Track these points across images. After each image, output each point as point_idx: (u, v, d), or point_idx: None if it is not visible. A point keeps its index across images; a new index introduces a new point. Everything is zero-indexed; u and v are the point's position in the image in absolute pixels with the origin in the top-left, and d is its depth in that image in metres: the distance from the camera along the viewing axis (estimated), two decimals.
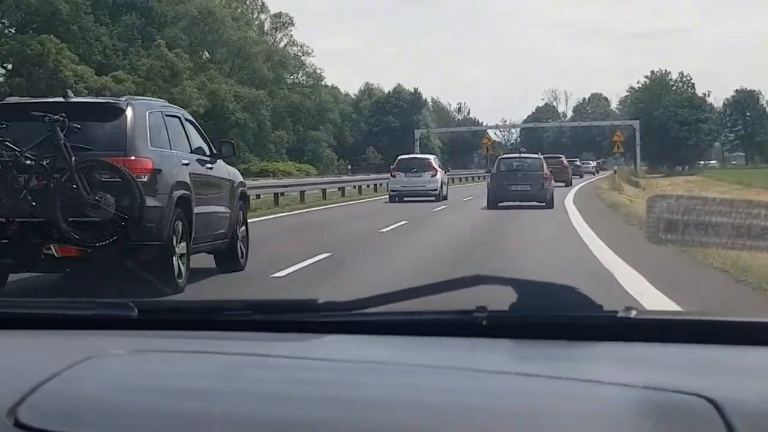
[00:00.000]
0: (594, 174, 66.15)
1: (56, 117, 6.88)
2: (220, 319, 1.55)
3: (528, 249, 11.69)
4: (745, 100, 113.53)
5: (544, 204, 22.15)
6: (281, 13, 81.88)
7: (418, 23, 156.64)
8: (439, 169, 29.08)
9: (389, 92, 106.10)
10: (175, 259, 7.32)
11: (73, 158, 6.86)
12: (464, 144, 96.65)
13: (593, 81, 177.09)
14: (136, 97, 8.09)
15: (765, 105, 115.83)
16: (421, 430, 1.02)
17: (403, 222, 16.95)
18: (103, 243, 6.83)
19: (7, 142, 6.89)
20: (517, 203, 22.17)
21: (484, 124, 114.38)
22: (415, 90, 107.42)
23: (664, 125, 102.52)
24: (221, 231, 8.58)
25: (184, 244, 7.51)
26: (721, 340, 1.38)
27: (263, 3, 79.57)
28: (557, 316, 1.43)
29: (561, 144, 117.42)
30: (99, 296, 1.80)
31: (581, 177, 52.95)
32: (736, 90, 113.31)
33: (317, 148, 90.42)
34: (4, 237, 6.81)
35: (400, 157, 30.15)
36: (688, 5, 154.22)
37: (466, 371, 1.26)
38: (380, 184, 38.33)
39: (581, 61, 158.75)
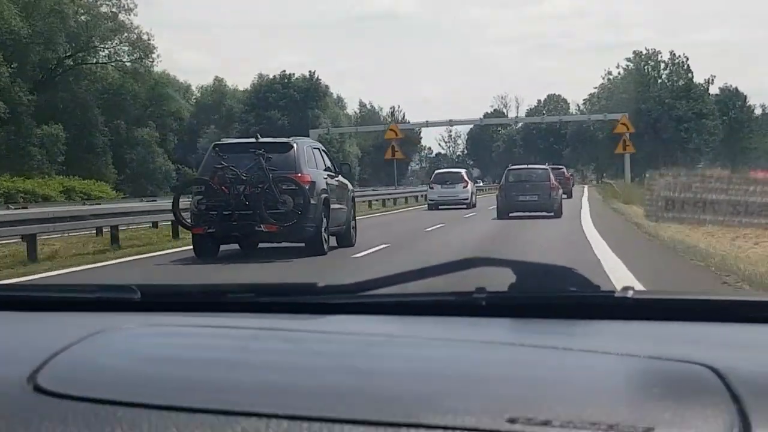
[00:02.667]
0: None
1: (260, 151, 15.44)
2: (223, 301, 1.97)
3: None
4: (729, 99, 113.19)
5: (552, 214, 29.94)
6: None
7: (367, 40, 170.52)
8: (469, 181, 46.25)
9: (274, 77, 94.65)
10: (323, 235, 15.82)
11: (270, 175, 15.32)
12: None
13: (547, 91, 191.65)
14: (298, 138, 16.82)
15: (755, 107, 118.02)
16: (434, 397, 1.24)
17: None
18: (288, 224, 15.51)
19: (231, 167, 15.36)
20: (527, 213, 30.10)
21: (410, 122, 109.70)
22: (311, 74, 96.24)
23: (656, 123, 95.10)
24: (342, 220, 17.95)
25: (326, 226, 15.99)
26: (718, 318, 1.78)
27: None
28: (555, 296, 1.83)
29: (513, 154, 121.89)
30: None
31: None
32: (720, 88, 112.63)
33: (145, 156, 75.46)
34: (233, 221, 15.26)
35: (436, 171, 46.34)
36: (641, 19, 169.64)
37: (471, 343, 1.61)
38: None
39: (535, 74, 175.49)
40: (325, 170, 18.18)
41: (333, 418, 1.17)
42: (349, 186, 19.90)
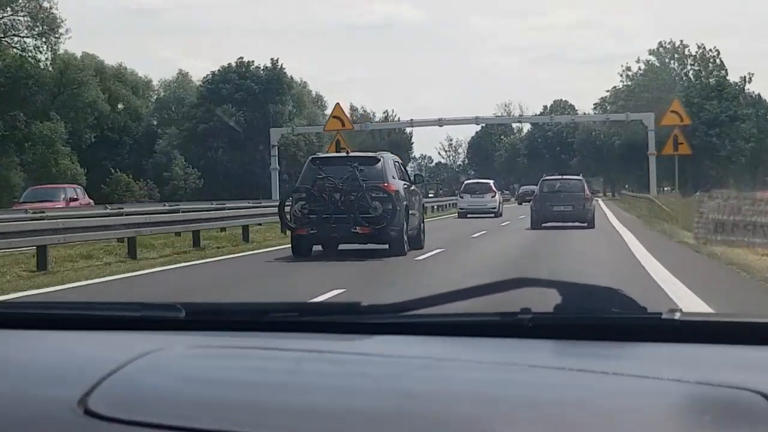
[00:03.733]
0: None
1: (354, 164, 19.43)
2: (266, 321, 2.12)
3: None
4: (752, 106, 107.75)
5: (585, 224, 32.98)
6: None
7: (366, 49, 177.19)
8: (497, 191, 54.63)
9: (229, 65, 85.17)
10: (404, 237, 19.70)
11: (363, 185, 19.12)
12: None
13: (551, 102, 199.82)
14: (383, 153, 20.90)
15: None
16: (482, 422, 1.33)
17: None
18: (378, 227, 19.61)
19: (329, 177, 19.22)
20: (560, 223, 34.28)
21: (408, 132, 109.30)
22: (274, 62, 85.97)
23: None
24: (416, 224, 22.81)
25: (407, 229, 19.91)
26: (766, 341, 1.89)
27: None
28: (602, 317, 1.93)
29: (515, 164, 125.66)
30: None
31: None
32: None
33: (46, 156, 66.23)
34: (332, 224, 19.14)
35: (465, 182, 53.10)
36: (648, 30, 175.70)
37: (518, 366, 1.71)
38: None
39: (538, 85, 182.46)
40: (401, 180, 23.62)
41: None
42: (420, 194, 25.90)
